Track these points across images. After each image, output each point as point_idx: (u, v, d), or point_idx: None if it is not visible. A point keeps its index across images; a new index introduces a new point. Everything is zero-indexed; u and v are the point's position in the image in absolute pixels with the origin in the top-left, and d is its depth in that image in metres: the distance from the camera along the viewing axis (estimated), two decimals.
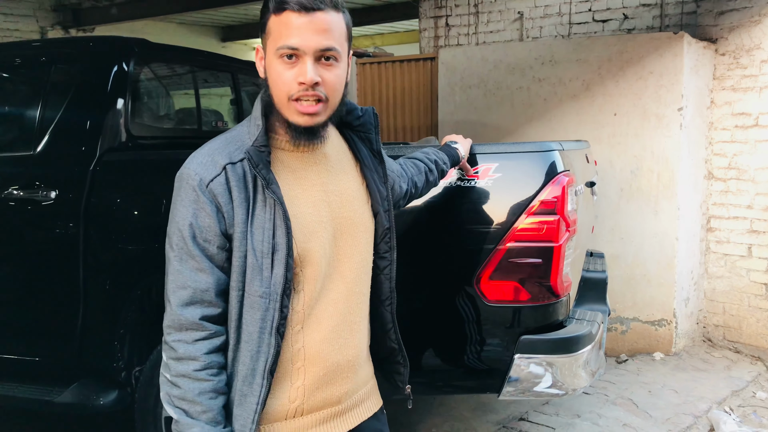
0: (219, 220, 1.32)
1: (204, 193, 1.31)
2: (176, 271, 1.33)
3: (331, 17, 1.30)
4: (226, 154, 1.34)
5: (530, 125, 4.82)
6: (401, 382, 1.63)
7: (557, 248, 2.27)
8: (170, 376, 1.34)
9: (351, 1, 8.41)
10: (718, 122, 4.70)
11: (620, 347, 4.63)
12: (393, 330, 1.58)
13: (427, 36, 6.17)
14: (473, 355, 2.38)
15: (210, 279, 1.32)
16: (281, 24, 1.29)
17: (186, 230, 1.32)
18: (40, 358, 2.89)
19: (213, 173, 1.32)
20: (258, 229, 1.32)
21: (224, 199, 1.31)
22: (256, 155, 1.32)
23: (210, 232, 1.32)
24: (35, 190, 2.78)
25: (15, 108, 3.25)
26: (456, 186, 2.31)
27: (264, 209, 1.32)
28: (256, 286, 1.32)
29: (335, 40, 1.31)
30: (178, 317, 1.32)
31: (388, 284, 1.54)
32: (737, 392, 3.98)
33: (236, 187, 1.32)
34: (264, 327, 1.33)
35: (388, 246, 1.52)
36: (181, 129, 3.68)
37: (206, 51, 3.94)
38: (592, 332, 2.44)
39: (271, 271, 1.32)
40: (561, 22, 5.51)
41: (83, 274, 2.72)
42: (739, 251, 4.69)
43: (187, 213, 1.32)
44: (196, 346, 1.32)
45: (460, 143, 2.17)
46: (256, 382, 1.34)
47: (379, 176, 1.52)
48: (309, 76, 1.28)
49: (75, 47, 3.25)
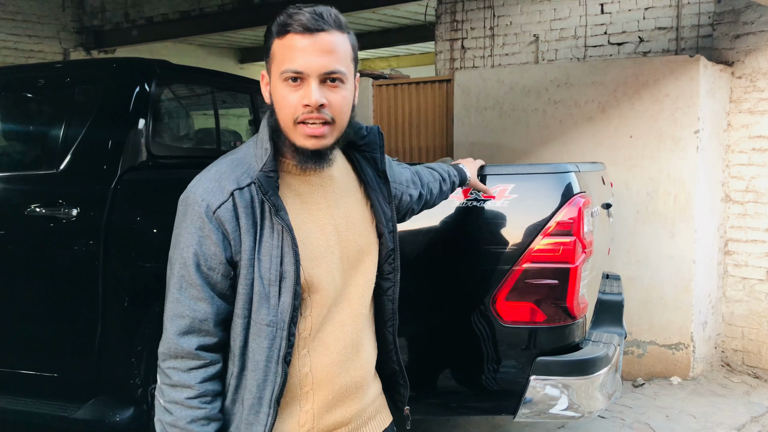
0: (225, 247, 1.29)
1: (211, 220, 1.28)
2: (175, 299, 1.31)
3: (335, 38, 1.28)
4: (233, 178, 1.31)
5: (546, 147, 4.83)
6: (401, 402, 1.61)
7: (573, 270, 2.26)
8: (163, 402, 1.32)
9: (367, 24, 8.51)
10: (735, 145, 4.68)
11: (637, 371, 4.58)
12: (394, 351, 1.55)
13: (442, 58, 6.22)
14: (489, 376, 2.37)
15: (209, 309, 1.30)
16: (285, 47, 1.27)
17: (190, 258, 1.29)
18: (58, 374, 2.92)
19: (220, 199, 1.29)
20: (265, 256, 1.29)
21: (231, 226, 1.28)
22: (265, 181, 1.28)
23: (215, 260, 1.29)
24: (57, 208, 2.83)
25: (39, 127, 3.33)
26: (472, 206, 2.32)
27: (272, 236, 1.29)
28: (263, 314, 1.30)
29: (340, 61, 1.29)
30: (174, 345, 1.30)
31: (390, 305, 1.52)
32: (756, 418, 3.92)
33: (244, 214, 1.29)
34: (271, 356, 1.31)
35: (392, 267, 1.50)
36: (201, 149, 3.74)
37: (225, 72, 4.01)
38: (609, 354, 2.42)
39: (279, 299, 1.30)
40: (576, 44, 5.54)
41: (102, 291, 2.75)
42: (758, 275, 4.64)
43: (191, 240, 1.29)
44: (191, 374, 1.30)
45: (466, 165, 2.17)
46: (263, 411, 1.32)
47: (383, 197, 1.50)
48: (314, 99, 1.26)
49: (98, 68, 3.33)
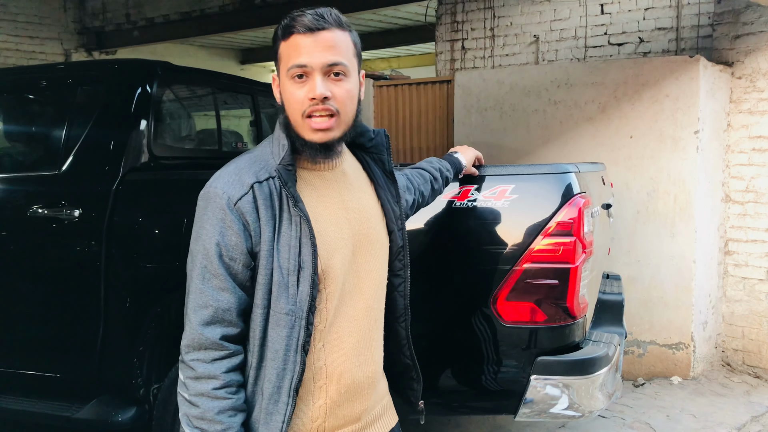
0: (246, 238, 1.33)
1: (232, 211, 1.33)
2: (198, 290, 1.34)
3: (336, 35, 1.35)
4: (252, 173, 1.36)
5: (546, 147, 4.83)
6: (414, 397, 1.66)
7: (573, 270, 2.27)
8: (188, 396, 1.33)
9: (368, 25, 8.53)
10: (735, 145, 4.69)
11: (637, 371, 4.58)
12: (407, 346, 1.61)
13: (443, 59, 6.23)
14: (489, 375, 2.38)
15: (232, 298, 1.33)
16: (290, 47, 1.35)
17: (212, 249, 1.33)
18: (60, 375, 2.93)
19: (241, 192, 1.34)
20: (284, 246, 1.34)
21: (252, 218, 1.33)
22: (285, 173, 1.35)
23: (236, 251, 1.33)
24: (59, 209, 2.84)
25: (41, 128, 3.33)
26: (473, 207, 2.33)
27: (290, 227, 1.34)
28: (282, 303, 1.34)
29: (342, 55, 1.36)
30: (198, 336, 1.32)
31: (402, 301, 1.58)
32: (757, 418, 3.92)
33: (263, 206, 1.34)
34: (290, 345, 1.34)
35: (402, 264, 1.56)
36: (202, 149, 3.74)
37: (226, 73, 4.02)
38: (609, 354, 2.43)
39: (297, 288, 1.34)
40: (577, 45, 5.54)
41: (104, 292, 2.76)
42: (758, 275, 4.64)
43: (214, 231, 1.33)
44: (215, 365, 1.32)
45: (462, 152, 2.20)
46: (282, 400, 1.35)
47: (392, 196, 1.56)
48: (318, 91, 1.32)
49: (100, 70, 3.34)
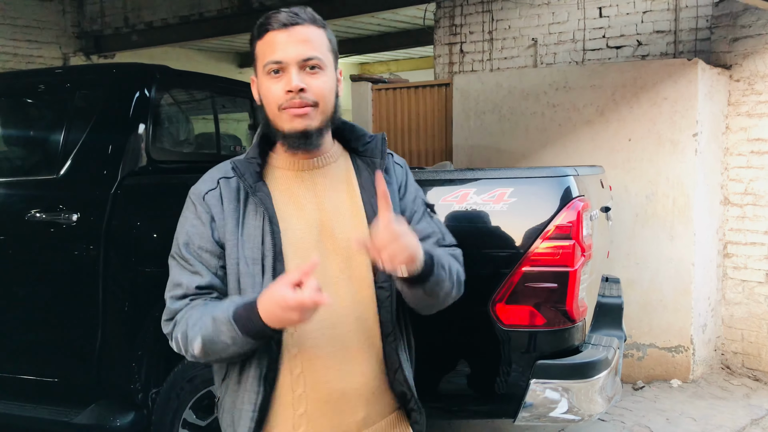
0: (213, 228, 1.42)
1: (201, 204, 1.44)
2: (174, 274, 1.44)
3: (310, 30, 1.38)
4: (222, 171, 1.47)
5: (545, 150, 4.83)
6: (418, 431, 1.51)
7: (573, 273, 2.27)
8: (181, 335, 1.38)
9: (367, 28, 8.53)
10: (733, 148, 4.69)
11: (637, 374, 4.58)
12: (400, 371, 1.44)
13: (441, 62, 6.23)
14: (488, 379, 2.37)
15: (203, 282, 1.41)
16: (265, 45, 1.38)
17: (183, 238, 1.43)
18: (58, 379, 2.92)
19: (209, 186, 1.45)
20: (248, 237, 1.39)
21: (217, 210, 1.42)
22: (242, 165, 1.43)
23: (204, 240, 1.41)
24: (58, 213, 2.83)
25: (39, 132, 3.33)
26: (471, 210, 2.33)
27: (255, 218, 1.40)
28: (249, 293, 1.36)
29: (316, 49, 1.38)
30: (170, 309, 1.42)
31: (389, 317, 1.43)
32: (756, 421, 3.92)
33: (227, 198, 1.42)
34: None
35: (386, 275, 1.36)
36: (201, 153, 3.74)
37: (224, 77, 4.02)
38: (608, 357, 2.42)
39: (262, 277, 1.37)
40: (575, 48, 5.55)
41: (102, 296, 2.75)
42: (757, 277, 4.64)
43: (186, 222, 1.45)
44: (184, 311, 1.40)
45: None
46: (251, 388, 1.39)
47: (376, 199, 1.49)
48: (294, 83, 1.35)
49: (98, 74, 3.33)
